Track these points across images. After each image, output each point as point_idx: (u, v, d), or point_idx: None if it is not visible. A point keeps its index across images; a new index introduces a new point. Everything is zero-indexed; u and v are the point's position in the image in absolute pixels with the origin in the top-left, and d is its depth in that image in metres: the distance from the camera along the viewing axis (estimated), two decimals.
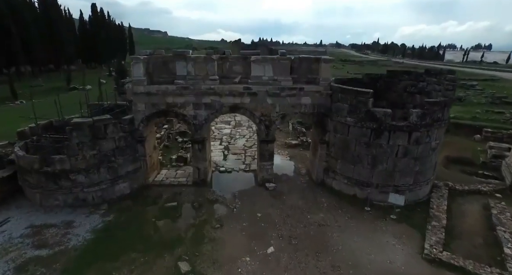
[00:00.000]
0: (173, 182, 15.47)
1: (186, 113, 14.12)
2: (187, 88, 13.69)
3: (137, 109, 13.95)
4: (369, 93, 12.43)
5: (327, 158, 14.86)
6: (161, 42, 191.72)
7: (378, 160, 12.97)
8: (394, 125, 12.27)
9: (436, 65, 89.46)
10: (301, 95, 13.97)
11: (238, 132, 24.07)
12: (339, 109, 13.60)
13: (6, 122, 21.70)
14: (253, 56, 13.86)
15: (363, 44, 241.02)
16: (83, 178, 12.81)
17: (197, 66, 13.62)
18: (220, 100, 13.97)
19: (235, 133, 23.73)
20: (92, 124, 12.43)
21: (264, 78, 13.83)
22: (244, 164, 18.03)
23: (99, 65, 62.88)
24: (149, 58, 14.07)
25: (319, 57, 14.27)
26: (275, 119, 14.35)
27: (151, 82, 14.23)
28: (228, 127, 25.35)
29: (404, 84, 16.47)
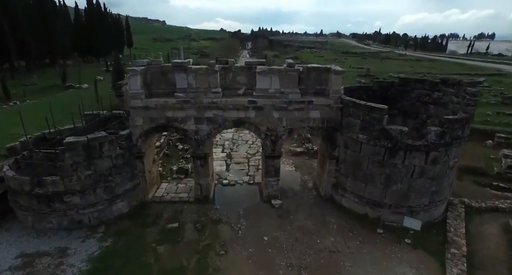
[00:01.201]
0: (174, 198, 14.72)
1: (187, 128, 13.25)
2: (188, 102, 12.78)
3: (134, 124, 13.06)
4: (384, 110, 11.55)
5: (336, 173, 14.09)
6: (159, 32, 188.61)
7: (392, 180, 12.19)
8: (410, 144, 11.43)
9: (440, 57, 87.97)
10: (309, 108, 13.08)
11: (241, 137, 23.21)
12: (351, 125, 12.74)
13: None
14: (258, 67, 12.90)
15: (364, 34, 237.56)
16: (78, 200, 12.02)
17: (198, 78, 12.68)
18: (223, 114, 13.08)
19: (237, 138, 22.88)
20: (86, 144, 11.56)
21: (271, 91, 12.91)
22: (248, 175, 17.27)
23: (96, 59, 61.37)
24: (146, 69, 13.10)
25: (329, 67, 13.31)
26: (282, 134, 13.50)
27: (150, 94, 13.33)
28: (230, 131, 24.42)
29: (417, 93, 15.56)
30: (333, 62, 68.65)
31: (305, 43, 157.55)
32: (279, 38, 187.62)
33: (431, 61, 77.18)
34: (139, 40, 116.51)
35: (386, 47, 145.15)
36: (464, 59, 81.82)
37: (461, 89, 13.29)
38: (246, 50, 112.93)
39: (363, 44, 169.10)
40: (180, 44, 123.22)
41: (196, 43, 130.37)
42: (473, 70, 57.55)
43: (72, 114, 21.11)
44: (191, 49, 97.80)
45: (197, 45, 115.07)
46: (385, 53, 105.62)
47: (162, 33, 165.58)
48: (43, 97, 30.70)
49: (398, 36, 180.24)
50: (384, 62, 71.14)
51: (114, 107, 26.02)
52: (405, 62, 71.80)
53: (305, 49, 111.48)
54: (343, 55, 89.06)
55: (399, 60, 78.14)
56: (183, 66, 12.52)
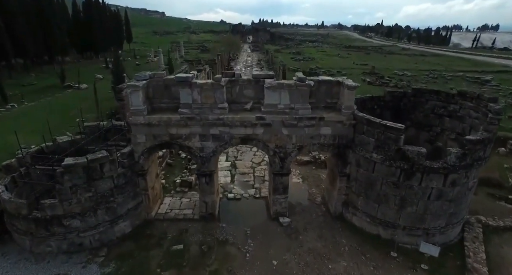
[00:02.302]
0: (178, 215, 14.17)
1: (192, 145, 12.62)
2: (192, 119, 12.12)
3: (136, 141, 12.43)
4: (401, 130, 10.89)
5: (347, 190, 13.52)
6: (159, 24, 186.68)
7: (407, 202, 11.61)
8: (428, 166, 10.81)
9: (444, 52, 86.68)
10: (320, 125, 12.42)
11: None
12: (364, 143, 12.09)
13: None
14: (267, 81, 12.20)
15: (366, 25, 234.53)
16: (78, 223, 11.48)
17: (203, 93, 11.99)
18: (230, 131, 12.44)
19: (241, 145, 22.19)
20: (86, 165, 10.94)
21: (280, 106, 12.24)
22: (254, 187, 16.71)
23: (95, 55, 60.27)
24: (148, 82, 12.42)
25: (341, 81, 12.60)
26: (291, 151, 12.87)
27: (152, 109, 12.68)
28: None
29: (431, 105, 14.88)
30: (336, 57, 67.68)
31: (306, 36, 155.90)
32: (280, 31, 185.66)
33: (436, 56, 76.11)
34: (139, 33, 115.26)
35: (389, 40, 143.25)
36: (470, 54, 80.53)
37: (481, 104, 12.61)
38: (247, 44, 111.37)
39: (365, 36, 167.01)
40: (180, 37, 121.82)
41: (196, 36, 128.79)
42: (479, 66, 56.59)
43: (72, 126, 20.55)
44: (191, 43, 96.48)
45: (197, 39, 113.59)
46: (388, 47, 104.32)
47: (162, 26, 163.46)
48: (42, 98, 29.96)
49: (401, 28, 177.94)
50: (388, 57, 70.05)
51: (115, 110, 25.45)
52: (409, 58, 70.73)
53: (307, 43, 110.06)
54: (345, 49, 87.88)
55: (402, 55, 77.09)
56: (187, 81, 11.81)
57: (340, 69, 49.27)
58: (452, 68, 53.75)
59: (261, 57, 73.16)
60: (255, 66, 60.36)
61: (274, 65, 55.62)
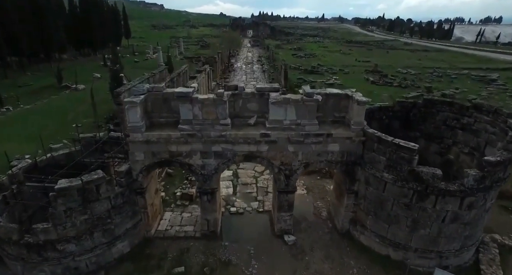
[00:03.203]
0: (179, 232, 13.61)
1: (193, 163, 12.00)
2: (193, 136, 11.47)
3: (135, 159, 11.80)
4: (414, 150, 10.25)
5: (355, 208, 12.96)
6: (157, 17, 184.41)
7: (420, 224, 11.04)
8: (444, 189, 10.20)
9: (447, 47, 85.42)
10: (328, 141, 11.79)
11: None
12: (374, 161, 11.47)
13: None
14: (271, 95, 11.52)
15: (367, 19, 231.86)
16: (74, 247, 10.91)
17: (205, 109, 11.31)
18: (233, 148, 11.81)
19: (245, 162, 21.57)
20: (81, 188, 10.32)
21: (285, 122, 11.58)
22: (257, 200, 16.13)
23: (93, 52, 59.21)
24: (147, 96, 11.74)
25: (350, 94, 11.92)
26: (297, 168, 12.26)
27: (150, 124, 12.03)
28: None
29: (443, 116, 14.22)
30: (337, 53, 66.64)
31: (307, 30, 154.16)
32: (280, 24, 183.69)
33: (439, 52, 75.05)
34: (137, 27, 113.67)
35: (390, 34, 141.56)
36: (473, 49, 79.32)
37: (498, 119, 11.93)
38: (247, 38, 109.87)
39: (366, 30, 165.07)
40: (179, 31, 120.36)
41: (196, 30, 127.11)
42: (484, 63, 55.69)
43: (67, 139, 19.91)
44: (191, 38, 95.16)
45: (196, 33, 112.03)
46: (390, 41, 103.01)
47: (161, 19, 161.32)
48: (38, 100, 29.20)
49: (403, 21, 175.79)
50: (391, 54, 68.94)
51: (113, 114, 24.73)
52: (412, 54, 69.67)
53: (307, 37, 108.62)
54: (347, 45, 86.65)
55: (405, 51, 75.95)
56: (187, 97, 11.12)
57: (342, 67, 48.36)
58: (456, 65, 52.86)
59: (261, 53, 72.06)
60: (255, 63, 59.41)
61: (275, 62, 54.70)
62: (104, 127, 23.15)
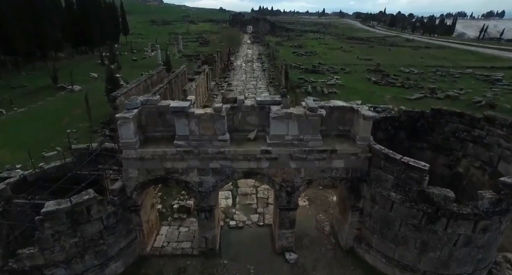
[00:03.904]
0: (176, 249, 13.04)
1: (190, 180, 11.38)
2: (189, 152, 10.83)
3: (128, 176, 11.17)
4: (425, 171, 9.63)
5: (360, 225, 12.38)
6: (156, 12, 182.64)
7: (430, 247, 10.46)
8: (456, 212, 9.59)
9: (449, 43, 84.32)
10: (333, 158, 11.15)
11: None
12: (381, 179, 10.86)
13: None
14: (273, 109, 10.86)
15: (368, 13, 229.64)
16: (63, 271, 10.34)
17: (202, 124, 10.66)
18: (232, 165, 11.18)
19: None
20: (70, 210, 9.72)
21: (287, 137, 10.94)
22: (257, 212, 15.56)
23: (90, 49, 58.26)
24: (141, 110, 11.08)
25: (356, 108, 11.25)
26: (299, 185, 11.66)
27: (145, 139, 11.40)
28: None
29: (452, 127, 13.57)
30: (339, 51, 65.70)
31: (307, 25, 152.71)
32: (280, 19, 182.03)
33: (441, 49, 74.07)
34: (136, 22, 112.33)
35: (392, 30, 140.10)
36: (477, 46, 78.20)
37: None
38: (247, 34, 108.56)
39: (367, 26, 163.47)
40: (178, 27, 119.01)
41: (195, 26, 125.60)
42: (488, 61, 54.76)
43: (61, 147, 19.25)
44: (190, 34, 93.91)
45: (196, 29, 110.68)
46: (392, 38, 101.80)
47: (159, 14, 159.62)
48: (33, 103, 28.46)
49: (404, 16, 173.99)
50: (392, 51, 67.96)
51: (109, 118, 24.03)
52: (414, 51, 68.69)
53: (308, 34, 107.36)
54: (348, 41, 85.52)
55: (407, 48, 74.92)
56: (183, 112, 10.46)
57: (344, 66, 47.52)
58: (459, 64, 52.00)
59: (261, 50, 71.06)
60: (255, 61, 58.52)
61: (275, 60, 53.86)
62: (100, 133, 22.55)
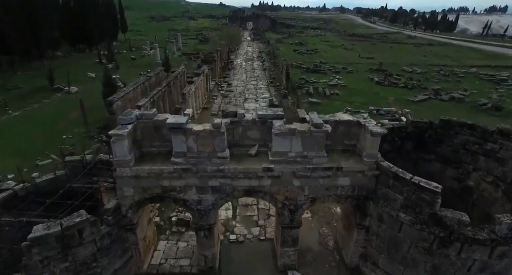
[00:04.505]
0: (174, 267, 12.54)
1: (188, 198, 10.84)
2: (187, 170, 10.26)
3: (123, 194, 10.62)
4: (437, 193, 9.06)
5: (366, 243, 11.86)
6: (155, 7, 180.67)
7: (441, 271, 9.91)
8: (471, 237, 9.04)
9: (452, 40, 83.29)
10: (338, 175, 10.59)
11: None
12: (389, 198, 10.30)
13: None
14: (275, 124, 10.27)
15: (369, 9, 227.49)
16: None
17: (200, 141, 10.08)
18: (232, 183, 10.62)
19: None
20: (60, 234, 9.16)
21: (291, 154, 10.36)
22: (258, 225, 15.03)
23: (88, 47, 57.37)
24: (136, 125, 10.50)
25: (363, 123, 10.65)
26: (303, 203, 11.10)
27: (141, 154, 10.84)
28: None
29: (463, 139, 12.97)
30: (340, 49, 64.82)
31: (308, 21, 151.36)
32: (281, 15, 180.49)
33: (443, 46, 73.22)
34: (134, 18, 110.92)
35: (393, 26, 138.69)
36: (480, 43, 77.12)
37: None
38: (247, 31, 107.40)
39: (368, 21, 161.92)
40: (177, 23, 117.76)
41: (195, 22, 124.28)
42: (492, 59, 53.94)
43: (56, 154, 18.67)
44: (189, 31, 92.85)
45: (195, 25, 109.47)
46: (393, 34, 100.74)
47: (159, 10, 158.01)
48: (28, 105, 27.81)
49: (406, 12, 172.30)
50: (394, 48, 67.05)
51: (106, 123, 23.40)
52: (416, 49, 67.79)
53: (309, 30, 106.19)
54: (349, 38, 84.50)
55: (409, 45, 74.02)
56: (181, 128, 9.86)
57: (346, 65, 46.79)
58: (463, 62, 51.22)
59: (262, 48, 70.17)
60: (255, 59, 57.71)
61: (276, 58, 53.06)
62: (96, 138, 21.97)
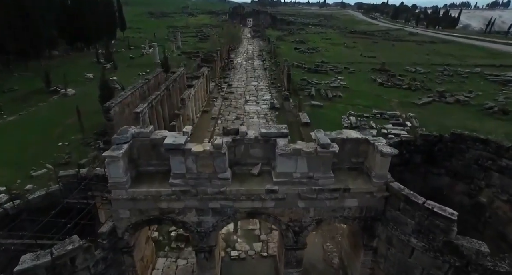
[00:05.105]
0: None
1: (187, 220, 10.31)
2: (186, 192, 9.73)
3: (119, 217, 10.09)
4: (453, 221, 8.51)
5: (373, 265, 11.36)
6: (154, 3, 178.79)
7: None
8: (491, 269, 8.50)
9: (454, 37, 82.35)
10: (345, 196, 10.06)
11: None
12: (399, 222, 9.76)
13: None
14: (279, 144, 9.70)
15: (370, 4, 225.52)
16: None
17: (200, 162, 9.52)
18: (234, 205, 10.08)
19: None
20: (51, 264, 8.64)
21: (295, 175, 9.81)
22: (260, 240, 14.55)
23: (86, 46, 56.52)
24: (132, 143, 9.92)
25: (372, 142, 10.07)
26: (308, 225, 10.58)
27: (137, 174, 10.30)
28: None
29: (475, 155, 12.39)
30: (341, 47, 63.99)
31: (309, 17, 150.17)
32: (281, 10, 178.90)
33: (446, 44, 72.36)
34: (133, 14, 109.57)
35: (395, 22, 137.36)
36: (483, 40, 76.13)
37: None
38: (247, 28, 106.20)
39: (369, 17, 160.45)
40: (177, 20, 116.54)
41: (194, 18, 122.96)
42: (496, 57, 53.23)
43: (51, 163, 18.09)
44: (189, 28, 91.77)
45: (195, 22, 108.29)
46: (395, 31, 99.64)
47: (158, 6, 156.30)
48: (24, 109, 27.17)
49: (407, 7, 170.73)
50: (397, 46, 66.19)
51: (103, 129, 22.83)
52: (419, 47, 66.93)
53: (310, 27, 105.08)
54: (351, 35, 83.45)
55: (411, 43, 73.14)
56: (179, 149, 9.30)
57: (348, 64, 46.09)
58: (466, 61, 50.50)
59: (262, 46, 69.21)
60: (256, 58, 56.84)
61: (277, 57, 52.29)
62: (93, 146, 21.42)
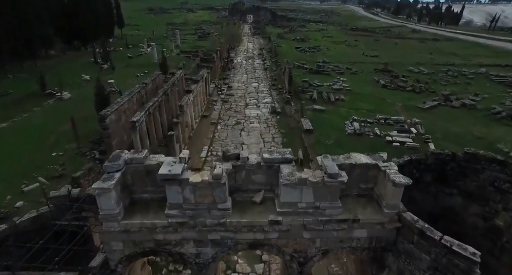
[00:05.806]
0: None
1: (185, 252, 9.65)
2: (184, 224, 9.06)
3: (111, 249, 9.44)
4: (476, 263, 7.83)
5: None
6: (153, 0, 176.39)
7: None
8: None
9: (458, 35, 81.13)
10: (354, 227, 9.39)
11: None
12: (413, 256, 9.10)
13: None
14: (283, 172, 9.00)
15: None
16: None
17: (198, 192, 8.83)
18: (234, 236, 9.42)
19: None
20: None
21: (301, 205, 9.13)
22: (262, 261, 13.97)
23: (83, 45, 55.48)
24: (125, 170, 9.24)
25: (383, 168, 9.37)
26: (314, 255, 9.92)
27: (131, 201, 9.62)
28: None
29: (491, 176, 11.70)
30: (343, 45, 62.99)
31: (309, 13, 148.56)
32: (281, 6, 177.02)
33: (449, 41, 71.29)
34: (131, 11, 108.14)
35: (397, 18, 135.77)
36: (487, 38, 74.95)
37: None
38: (247, 24, 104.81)
39: (370, 13, 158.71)
40: (176, 16, 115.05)
41: (194, 15, 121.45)
42: (501, 56, 52.30)
43: (44, 176, 17.40)
44: (188, 25, 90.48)
45: (194, 19, 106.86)
46: (397, 28, 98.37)
47: (156, 2, 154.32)
48: (17, 115, 26.35)
49: (409, 3, 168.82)
50: (399, 45, 65.12)
51: (99, 137, 22.12)
52: (421, 45, 65.90)
53: (310, 24, 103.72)
54: (352, 33, 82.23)
55: (414, 40, 72.05)
56: (176, 180, 8.61)
57: (350, 64, 45.23)
58: (470, 60, 49.60)
59: (262, 44, 68.06)
60: (256, 57, 55.86)
61: (277, 57, 51.37)
62: (88, 156, 20.72)
